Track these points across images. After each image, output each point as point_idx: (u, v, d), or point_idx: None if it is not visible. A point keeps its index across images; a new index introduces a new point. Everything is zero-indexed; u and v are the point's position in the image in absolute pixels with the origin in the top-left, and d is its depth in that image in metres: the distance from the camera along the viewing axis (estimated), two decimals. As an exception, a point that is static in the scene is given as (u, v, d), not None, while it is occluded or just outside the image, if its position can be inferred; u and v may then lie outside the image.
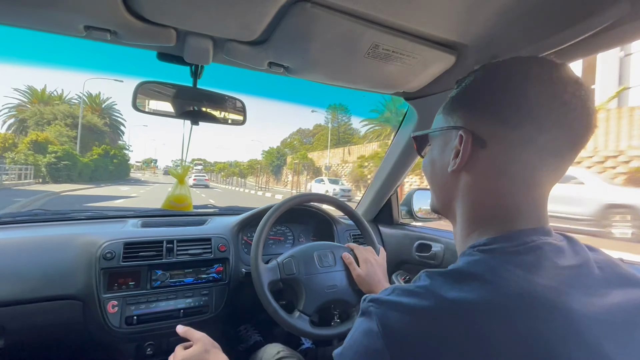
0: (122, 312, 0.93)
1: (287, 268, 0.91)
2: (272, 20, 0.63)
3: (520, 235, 0.38)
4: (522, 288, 0.33)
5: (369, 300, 0.37)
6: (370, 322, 0.35)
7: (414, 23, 0.65)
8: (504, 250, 0.36)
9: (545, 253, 0.36)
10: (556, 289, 0.33)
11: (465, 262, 0.37)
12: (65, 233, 1.02)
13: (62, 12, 0.59)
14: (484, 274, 0.34)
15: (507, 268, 0.34)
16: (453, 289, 0.34)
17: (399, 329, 0.33)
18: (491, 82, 0.41)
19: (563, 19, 0.60)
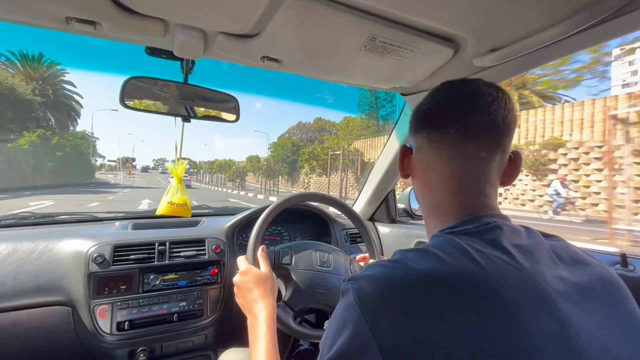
0: (112, 317, 0.90)
1: (283, 257, 0.87)
2: (265, 11, 0.61)
3: (480, 218, 0.43)
4: (479, 261, 0.37)
5: (347, 280, 0.40)
6: (348, 297, 0.38)
7: (412, 14, 0.63)
8: (467, 232, 0.42)
9: (504, 232, 0.41)
10: (511, 263, 0.38)
11: (433, 242, 0.43)
12: (53, 236, 0.98)
13: (42, 2, 0.56)
14: (448, 249, 0.39)
15: (469, 244, 0.39)
16: (421, 262, 0.38)
17: (372, 296, 0.36)
18: (420, 107, 0.52)
19: (562, 10, 0.58)
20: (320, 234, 1.36)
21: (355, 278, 0.39)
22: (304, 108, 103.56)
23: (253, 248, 0.83)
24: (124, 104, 0.73)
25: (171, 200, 0.89)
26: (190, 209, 1.05)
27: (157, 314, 0.95)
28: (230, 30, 0.67)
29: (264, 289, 0.75)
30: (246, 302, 0.74)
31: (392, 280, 0.37)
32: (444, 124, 0.47)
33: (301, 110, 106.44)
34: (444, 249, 0.39)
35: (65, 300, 0.90)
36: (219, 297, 1.05)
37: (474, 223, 0.43)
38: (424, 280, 0.36)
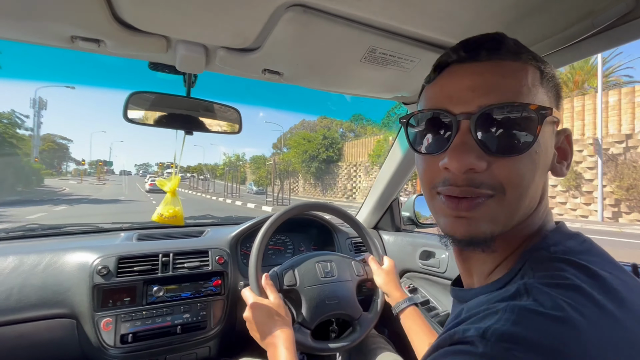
0: (116, 330, 0.90)
1: (287, 279, 0.87)
2: (265, 26, 0.61)
3: (563, 229, 0.37)
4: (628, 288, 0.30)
5: (495, 339, 0.26)
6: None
7: (411, 26, 0.63)
8: (579, 250, 0.34)
9: (601, 248, 0.35)
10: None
11: (568, 268, 0.31)
12: (58, 248, 0.99)
13: (48, 23, 0.57)
14: (605, 288, 0.29)
15: (605, 270, 0.31)
16: (585, 309, 0.27)
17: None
18: (557, 77, 0.39)
19: (564, 19, 0.58)
20: (325, 243, 1.35)
21: (517, 339, 0.26)
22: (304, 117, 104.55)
23: (255, 278, 0.82)
24: (127, 118, 0.74)
25: (161, 212, 0.91)
26: (182, 218, 1.06)
27: (160, 326, 0.95)
28: (231, 44, 0.68)
29: (278, 318, 0.74)
30: (262, 335, 0.73)
31: (575, 345, 0.25)
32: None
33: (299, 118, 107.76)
34: (589, 283, 0.29)
35: (69, 312, 0.90)
36: (222, 309, 1.05)
37: (573, 238, 0.35)
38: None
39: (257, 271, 0.83)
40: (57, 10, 0.55)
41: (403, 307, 0.84)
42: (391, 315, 0.87)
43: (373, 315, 0.94)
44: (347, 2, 0.56)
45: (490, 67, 0.35)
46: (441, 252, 1.20)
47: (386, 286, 0.92)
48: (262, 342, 0.73)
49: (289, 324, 0.75)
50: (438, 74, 0.40)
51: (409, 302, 0.84)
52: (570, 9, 0.56)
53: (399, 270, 1.35)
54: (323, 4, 0.57)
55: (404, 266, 1.34)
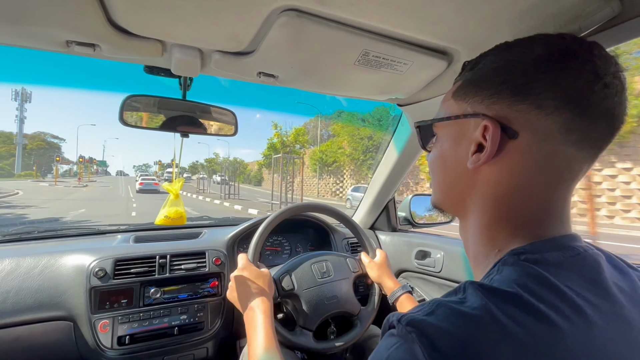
0: (113, 331, 0.91)
1: (285, 284, 0.88)
2: (259, 30, 0.62)
3: (565, 242, 0.34)
4: (595, 313, 0.29)
5: (405, 323, 0.29)
6: (408, 348, 0.27)
7: (403, 29, 0.64)
8: (559, 262, 0.32)
9: (601, 266, 0.33)
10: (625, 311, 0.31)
11: (518, 276, 0.31)
12: (55, 250, 0.99)
13: (42, 28, 0.58)
14: (543, 294, 0.29)
15: (572, 288, 0.29)
16: (523, 319, 0.27)
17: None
18: (521, 61, 0.35)
19: (552, 23, 0.59)
20: (321, 244, 1.36)
21: (422, 326, 0.28)
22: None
23: (254, 250, 0.86)
24: (123, 121, 0.74)
25: (166, 214, 0.92)
26: (185, 218, 1.07)
27: (157, 327, 0.95)
28: (226, 48, 0.69)
29: (262, 284, 0.77)
30: (242, 297, 0.75)
31: (477, 343, 0.26)
32: (600, 112, 0.33)
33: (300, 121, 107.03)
34: (538, 294, 0.29)
35: (66, 315, 0.91)
36: (220, 310, 1.06)
37: (562, 250, 0.33)
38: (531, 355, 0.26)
39: (259, 242, 0.88)
40: (52, 15, 0.55)
41: (397, 296, 0.87)
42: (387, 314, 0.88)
43: (371, 308, 0.96)
44: (340, 6, 0.57)
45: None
46: (436, 252, 1.21)
47: (380, 278, 0.94)
48: (241, 303, 0.75)
49: (271, 297, 0.78)
50: None
51: (402, 290, 0.88)
52: (558, 13, 0.57)
53: (395, 270, 1.36)
54: (316, 9, 0.58)
55: (400, 266, 1.35)
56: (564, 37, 0.35)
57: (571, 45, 0.34)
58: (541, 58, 0.34)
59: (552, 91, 0.33)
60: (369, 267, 0.98)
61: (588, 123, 0.32)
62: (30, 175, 32.55)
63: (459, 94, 0.40)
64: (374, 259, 0.99)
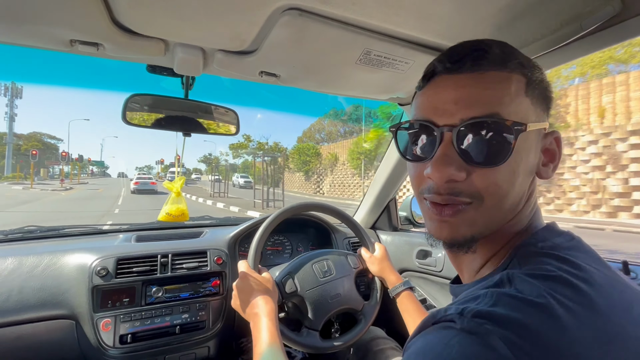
0: (115, 330, 0.91)
1: (288, 287, 0.88)
2: (261, 29, 0.63)
3: (554, 228, 0.38)
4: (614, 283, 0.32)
5: (472, 315, 0.28)
6: (483, 341, 0.26)
7: (405, 28, 0.64)
8: (567, 246, 0.35)
9: (589, 247, 0.36)
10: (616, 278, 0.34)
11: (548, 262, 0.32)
12: (57, 250, 0.99)
13: (47, 27, 0.58)
14: (584, 277, 0.31)
15: (589, 264, 0.33)
16: (573, 299, 0.29)
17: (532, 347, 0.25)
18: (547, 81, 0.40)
19: (553, 22, 0.59)
20: (323, 243, 1.36)
21: (493, 317, 0.27)
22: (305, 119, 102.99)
23: (254, 255, 0.85)
24: (126, 120, 0.75)
25: (168, 212, 0.92)
26: (187, 214, 1.08)
27: (159, 326, 0.96)
28: (228, 47, 0.69)
29: (264, 290, 0.77)
30: (246, 305, 0.75)
31: (551, 330, 0.26)
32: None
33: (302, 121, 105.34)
34: (575, 274, 0.31)
35: (69, 313, 0.91)
36: (221, 309, 1.06)
37: (562, 236, 0.37)
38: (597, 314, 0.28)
39: (258, 247, 0.87)
40: (57, 14, 0.56)
41: (399, 291, 0.88)
42: (388, 316, 0.89)
43: (374, 303, 0.96)
44: (342, 5, 0.57)
45: (473, 79, 0.36)
46: (437, 251, 1.21)
47: (381, 272, 0.95)
48: (245, 311, 0.75)
49: (274, 301, 0.77)
50: (427, 82, 0.41)
51: (404, 286, 0.89)
52: (559, 12, 0.57)
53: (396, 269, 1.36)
54: (318, 8, 0.58)
55: (401, 265, 1.35)
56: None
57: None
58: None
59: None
60: (369, 262, 0.98)
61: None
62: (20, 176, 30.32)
63: (533, 96, 0.37)
64: (373, 254, 0.99)
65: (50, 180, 36.54)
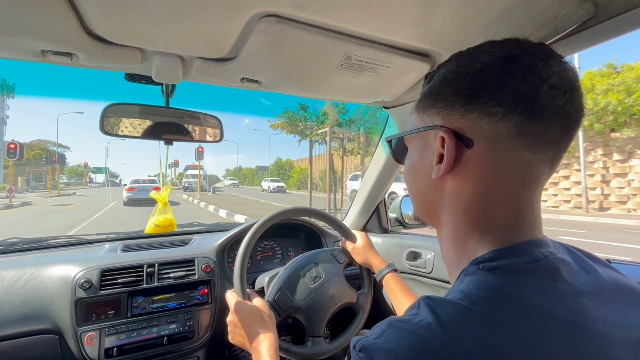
0: (100, 343, 0.89)
1: (282, 303, 0.85)
2: (239, 36, 0.62)
3: (526, 249, 0.34)
4: (544, 321, 0.29)
5: (357, 348, 0.30)
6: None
7: (385, 33, 0.64)
8: (514, 268, 0.32)
9: (560, 272, 0.33)
10: (578, 316, 0.30)
11: (475, 286, 0.31)
12: (39, 262, 0.97)
13: (16, 37, 0.57)
14: (498, 305, 0.29)
15: (525, 294, 0.30)
16: (469, 328, 0.28)
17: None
18: (468, 71, 0.35)
19: (530, 25, 0.60)
20: (313, 247, 1.35)
21: (372, 350, 0.29)
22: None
23: (240, 281, 0.81)
24: (104, 130, 0.73)
25: (156, 223, 0.90)
26: (175, 225, 1.06)
27: (146, 338, 0.94)
28: (207, 55, 0.68)
29: (262, 321, 0.73)
30: (246, 340, 0.72)
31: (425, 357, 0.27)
32: (550, 113, 0.33)
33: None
34: (489, 304, 0.29)
35: (52, 328, 0.89)
36: (210, 317, 1.04)
37: (521, 256, 0.33)
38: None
39: (242, 274, 0.82)
40: (26, 24, 0.54)
41: (384, 274, 0.88)
42: (380, 312, 0.89)
43: (367, 291, 0.97)
44: (320, 11, 0.57)
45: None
46: (427, 253, 1.21)
47: (366, 260, 0.95)
48: (245, 345, 0.73)
49: (273, 327, 0.74)
50: None
51: (388, 268, 0.89)
52: (535, 15, 0.58)
53: None
54: (296, 14, 0.58)
55: None
56: (506, 43, 0.35)
57: (513, 50, 0.34)
58: (486, 66, 0.34)
59: (499, 98, 0.33)
60: (353, 253, 0.98)
61: (539, 125, 0.33)
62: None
63: (420, 107, 0.41)
64: (355, 244, 0.99)
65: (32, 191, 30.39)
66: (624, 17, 0.52)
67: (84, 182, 46.34)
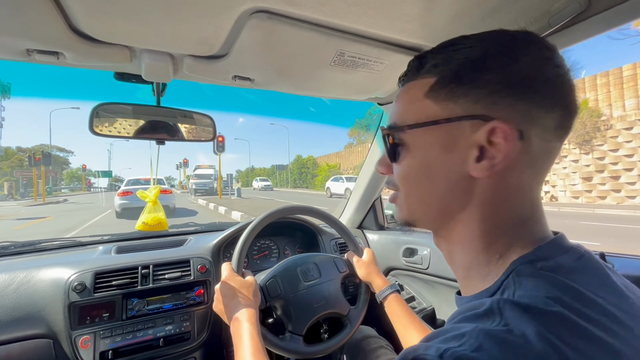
0: (95, 347, 0.88)
1: (272, 290, 0.87)
2: (230, 33, 0.61)
3: (562, 244, 0.33)
4: (623, 321, 0.28)
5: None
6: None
7: (377, 28, 0.64)
8: (571, 267, 0.30)
9: (603, 268, 0.33)
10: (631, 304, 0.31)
11: (553, 290, 0.28)
12: (32, 266, 0.95)
13: (0, 37, 0.55)
14: (590, 315, 0.27)
15: (600, 295, 0.29)
16: (571, 341, 0.25)
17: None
18: (519, 57, 0.32)
19: (523, 18, 0.60)
20: (310, 246, 1.35)
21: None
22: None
23: (238, 258, 0.84)
24: (93, 131, 0.72)
25: (145, 221, 0.90)
26: (166, 223, 1.06)
27: (142, 340, 0.93)
28: (197, 52, 0.67)
29: (247, 293, 0.76)
30: (228, 309, 0.74)
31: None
32: (576, 105, 0.34)
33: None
34: (577, 309, 0.27)
35: (45, 332, 0.87)
36: (206, 318, 1.03)
37: (568, 253, 0.32)
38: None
39: (243, 250, 0.86)
40: (9, 22, 0.53)
41: (386, 295, 0.86)
42: (378, 314, 0.88)
43: (361, 307, 0.95)
44: (311, 7, 0.56)
45: (400, 93, 0.41)
46: (423, 249, 1.21)
47: (368, 277, 0.94)
48: (226, 315, 0.74)
49: (257, 306, 0.77)
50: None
51: (391, 289, 0.87)
52: (528, 9, 0.58)
53: (383, 269, 1.36)
54: (287, 10, 0.57)
55: (388, 264, 1.36)
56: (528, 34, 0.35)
57: (546, 42, 0.34)
58: (528, 53, 0.33)
59: (549, 88, 0.32)
60: (357, 266, 0.97)
61: (570, 117, 0.34)
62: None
63: (440, 94, 0.35)
64: (361, 258, 0.98)
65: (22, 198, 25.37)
66: (616, 10, 0.52)
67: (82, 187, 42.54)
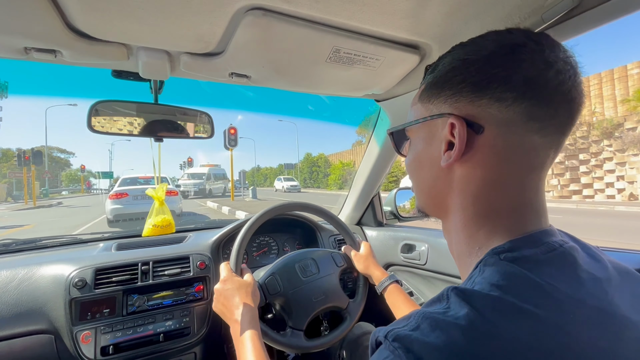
0: (96, 342, 0.89)
1: (271, 287, 0.87)
2: (225, 30, 0.61)
3: (540, 238, 0.34)
4: (577, 310, 0.29)
5: (390, 338, 0.29)
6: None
7: (373, 25, 0.64)
8: (536, 259, 0.32)
9: (577, 261, 0.33)
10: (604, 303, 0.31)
11: (501, 277, 0.30)
12: (33, 262, 0.96)
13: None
14: (534, 297, 0.29)
15: (553, 284, 0.30)
16: (505, 323, 0.27)
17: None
18: (476, 58, 0.36)
19: (517, 14, 0.60)
20: (309, 242, 1.36)
21: (408, 341, 0.27)
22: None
23: (236, 257, 0.85)
24: (91, 128, 0.72)
25: (154, 223, 0.90)
26: (174, 225, 1.06)
27: (142, 335, 0.94)
28: (194, 50, 0.68)
29: (245, 294, 0.76)
30: (227, 309, 0.74)
31: (465, 355, 0.26)
32: (558, 98, 0.34)
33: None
34: (520, 293, 0.29)
35: (47, 328, 0.88)
36: (206, 314, 1.05)
37: (540, 246, 0.33)
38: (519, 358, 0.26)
39: (240, 249, 0.86)
40: (6, 21, 0.53)
41: (385, 285, 0.88)
42: (378, 310, 0.89)
43: (359, 300, 0.96)
44: (306, 4, 0.56)
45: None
46: (421, 245, 1.22)
47: (367, 269, 0.95)
48: (226, 316, 0.75)
49: (256, 305, 0.77)
50: None
51: (390, 279, 0.89)
52: (522, 5, 0.58)
53: (382, 265, 1.37)
54: (282, 7, 0.57)
55: (387, 260, 1.36)
56: (512, 32, 0.36)
57: (520, 38, 0.35)
58: (494, 54, 0.35)
59: (508, 83, 0.33)
60: (355, 260, 0.98)
61: (547, 110, 0.33)
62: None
63: (424, 97, 0.41)
64: (359, 252, 0.99)
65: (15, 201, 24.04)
66: (608, 6, 0.52)
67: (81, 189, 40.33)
